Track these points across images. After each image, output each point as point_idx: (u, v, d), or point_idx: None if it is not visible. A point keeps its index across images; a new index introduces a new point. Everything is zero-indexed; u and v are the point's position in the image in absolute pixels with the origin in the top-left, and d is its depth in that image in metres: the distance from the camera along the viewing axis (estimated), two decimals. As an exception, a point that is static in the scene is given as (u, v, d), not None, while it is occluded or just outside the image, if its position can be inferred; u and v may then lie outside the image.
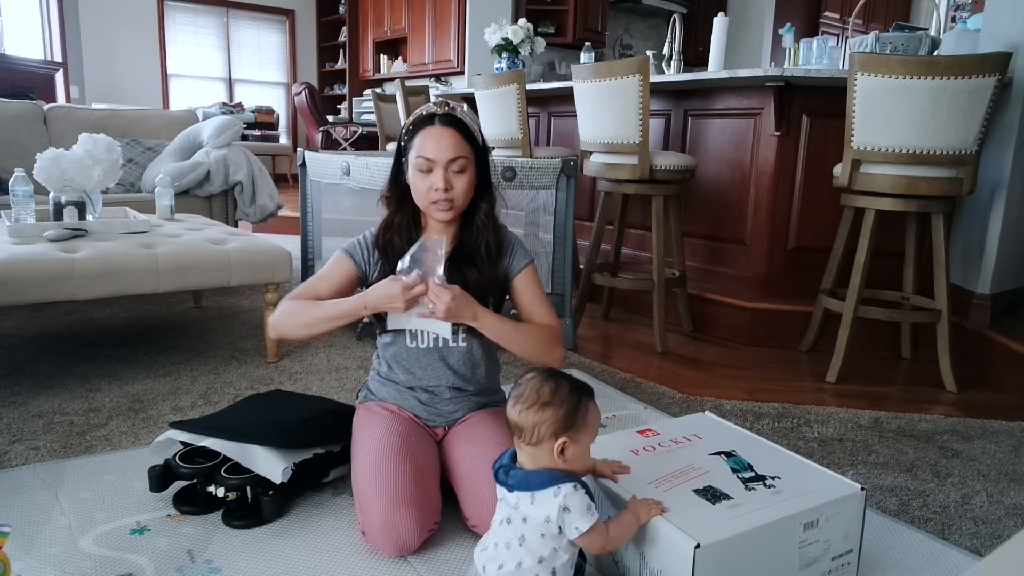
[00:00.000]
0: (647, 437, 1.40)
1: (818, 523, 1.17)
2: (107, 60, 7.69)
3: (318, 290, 1.47)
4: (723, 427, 1.48)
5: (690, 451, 1.34)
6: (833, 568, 1.22)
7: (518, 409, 1.07)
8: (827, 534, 1.18)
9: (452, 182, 1.39)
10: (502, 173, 2.42)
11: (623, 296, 3.28)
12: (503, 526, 1.08)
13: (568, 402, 1.06)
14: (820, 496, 1.18)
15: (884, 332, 2.73)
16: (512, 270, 1.51)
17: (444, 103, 1.44)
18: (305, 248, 2.98)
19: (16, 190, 2.37)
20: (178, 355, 2.43)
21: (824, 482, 1.24)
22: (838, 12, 8.10)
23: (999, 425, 2.07)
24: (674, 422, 1.53)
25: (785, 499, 1.17)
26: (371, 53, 8.38)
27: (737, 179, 3.09)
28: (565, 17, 6.35)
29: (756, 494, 1.19)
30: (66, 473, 1.58)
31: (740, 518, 1.11)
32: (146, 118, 4.02)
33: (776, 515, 1.13)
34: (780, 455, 1.35)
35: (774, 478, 1.24)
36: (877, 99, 2.23)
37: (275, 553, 1.31)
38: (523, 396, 1.08)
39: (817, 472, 1.28)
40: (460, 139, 1.39)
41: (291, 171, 7.93)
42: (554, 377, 1.09)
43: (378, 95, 5.41)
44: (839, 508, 1.19)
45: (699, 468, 1.27)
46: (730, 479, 1.23)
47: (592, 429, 1.10)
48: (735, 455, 1.32)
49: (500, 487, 1.10)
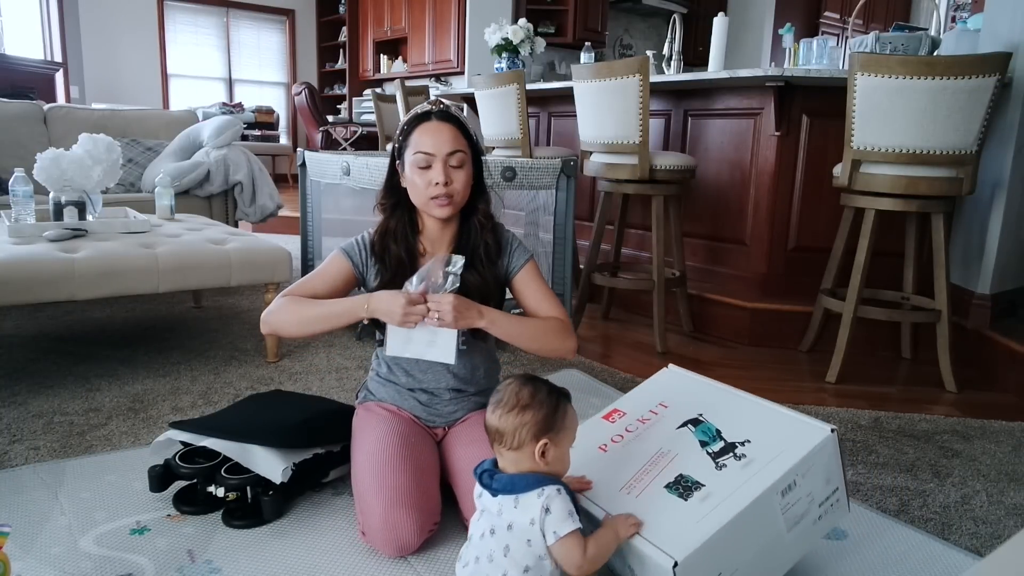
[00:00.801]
0: (613, 423, 1.35)
1: (795, 483, 1.14)
2: (107, 60, 7.69)
3: (315, 288, 1.47)
4: (688, 382, 1.42)
5: (657, 429, 1.29)
6: (823, 513, 1.20)
7: (498, 414, 1.08)
8: (807, 487, 1.16)
9: (451, 176, 1.39)
10: (502, 173, 2.42)
11: (623, 296, 3.28)
12: (485, 538, 1.07)
13: (547, 404, 1.07)
14: (792, 454, 1.15)
15: (884, 332, 2.73)
16: (512, 268, 1.50)
17: (438, 101, 1.45)
18: (305, 248, 2.98)
19: (16, 190, 2.37)
20: (178, 355, 2.43)
21: (794, 432, 1.20)
22: (838, 12, 8.10)
23: (999, 425, 2.07)
24: (639, 390, 1.44)
25: (757, 470, 1.14)
26: (371, 53, 8.38)
27: (737, 179, 3.09)
28: (565, 17, 6.35)
29: (727, 473, 1.15)
30: (66, 473, 1.58)
31: (714, 512, 1.08)
32: (146, 118, 4.03)
33: (751, 495, 1.10)
34: (746, 407, 1.30)
35: (743, 443, 1.19)
36: (877, 99, 2.23)
37: (275, 553, 1.31)
38: (503, 401, 1.08)
39: (785, 419, 1.24)
40: (457, 133, 1.41)
41: (291, 171, 7.93)
42: (532, 381, 1.10)
43: (378, 95, 5.42)
44: (813, 460, 1.16)
45: (668, 452, 1.22)
46: (700, 458, 1.19)
47: (571, 432, 1.10)
48: (703, 421, 1.27)
49: (484, 493, 1.09)
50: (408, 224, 1.47)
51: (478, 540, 1.09)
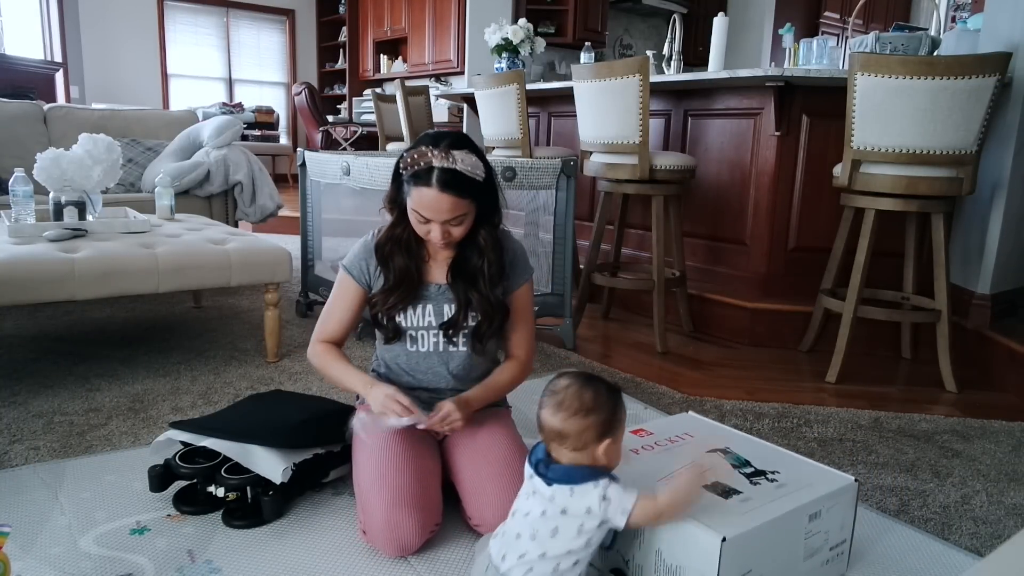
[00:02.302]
0: (642, 437, 1.40)
1: (820, 514, 1.19)
2: (107, 60, 7.69)
3: (341, 320, 1.50)
4: (710, 426, 1.50)
5: (687, 449, 1.35)
6: (830, 558, 1.24)
7: (561, 417, 1.08)
8: (827, 525, 1.21)
9: (450, 232, 1.36)
10: (502, 173, 2.42)
11: (623, 296, 3.28)
12: (532, 517, 1.09)
13: (608, 406, 1.09)
14: (819, 488, 1.21)
15: (884, 332, 2.73)
16: (511, 287, 1.49)
17: (446, 152, 1.30)
18: (305, 248, 2.98)
19: (16, 190, 2.37)
20: (178, 355, 2.43)
21: (818, 475, 1.27)
22: (838, 12, 8.10)
23: (999, 425, 2.07)
24: (660, 422, 1.53)
25: (790, 491, 1.19)
26: (371, 53, 8.38)
27: (737, 179, 3.09)
28: (565, 17, 6.35)
29: (762, 488, 1.20)
30: (66, 473, 1.58)
31: (754, 511, 1.13)
32: (146, 118, 4.02)
33: (786, 507, 1.15)
34: (770, 451, 1.37)
35: (774, 472, 1.26)
36: (877, 99, 2.23)
37: (275, 553, 1.31)
38: (564, 403, 1.08)
39: (809, 466, 1.31)
40: (458, 201, 1.31)
41: (291, 171, 7.93)
42: (592, 383, 1.11)
43: (378, 95, 5.41)
44: (837, 500, 1.22)
45: (702, 465, 1.27)
46: (734, 474, 1.25)
47: (624, 425, 1.13)
48: (731, 451, 1.34)
49: (538, 480, 1.10)
50: (413, 235, 1.43)
51: (522, 518, 1.11)
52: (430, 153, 1.30)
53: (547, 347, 2.67)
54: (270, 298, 2.35)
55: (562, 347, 2.68)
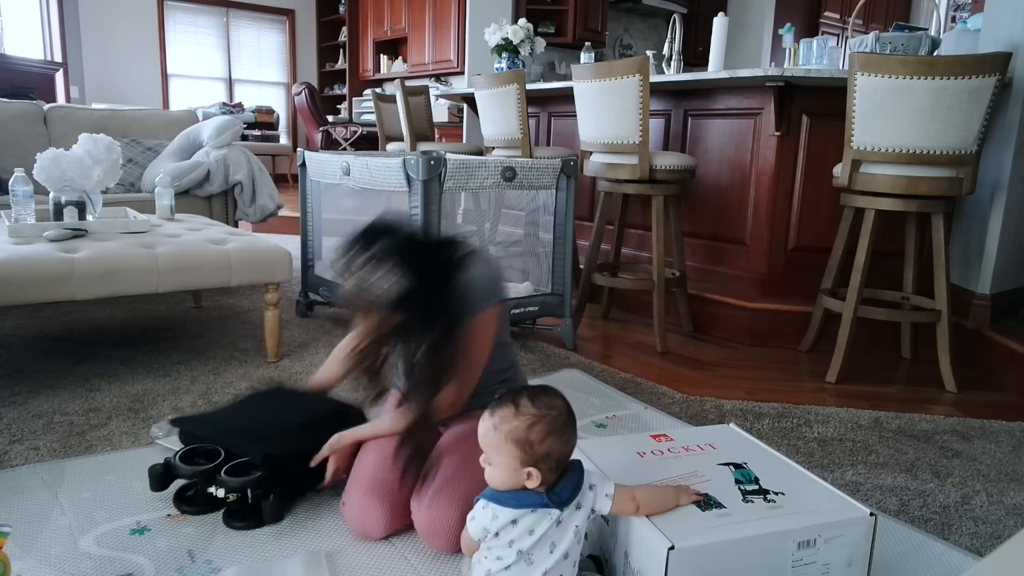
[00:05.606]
0: (659, 442, 1.39)
1: (815, 543, 1.12)
2: (107, 60, 7.69)
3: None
4: (743, 440, 1.43)
5: (698, 459, 1.32)
6: None
7: (550, 441, 1.05)
8: (827, 557, 1.13)
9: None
10: (502, 173, 2.42)
11: (623, 296, 3.28)
12: (541, 553, 1.06)
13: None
14: (819, 516, 1.14)
15: (884, 332, 2.73)
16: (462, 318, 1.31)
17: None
18: (305, 248, 2.98)
19: (16, 190, 2.37)
20: (178, 355, 2.43)
21: (830, 503, 1.19)
22: (838, 12, 8.09)
23: (999, 425, 2.07)
24: (693, 431, 1.50)
25: (781, 515, 1.14)
26: (371, 53, 8.38)
27: (737, 179, 3.09)
28: (565, 17, 6.34)
29: (752, 507, 1.16)
30: (66, 473, 1.58)
31: (724, 527, 1.10)
32: (146, 118, 4.02)
33: (765, 529, 1.10)
34: (794, 473, 1.29)
35: (777, 493, 1.20)
36: (877, 99, 2.23)
37: (275, 554, 1.31)
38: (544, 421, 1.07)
39: (828, 493, 1.22)
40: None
41: (291, 171, 7.93)
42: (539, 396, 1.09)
43: (378, 95, 5.40)
44: (842, 531, 1.14)
45: (701, 476, 1.25)
46: (731, 490, 1.21)
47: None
48: (744, 468, 1.29)
49: (550, 510, 1.06)
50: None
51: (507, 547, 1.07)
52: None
53: (547, 347, 2.67)
54: (270, 298, 2.35)
55: (562, 347, 2.68)
